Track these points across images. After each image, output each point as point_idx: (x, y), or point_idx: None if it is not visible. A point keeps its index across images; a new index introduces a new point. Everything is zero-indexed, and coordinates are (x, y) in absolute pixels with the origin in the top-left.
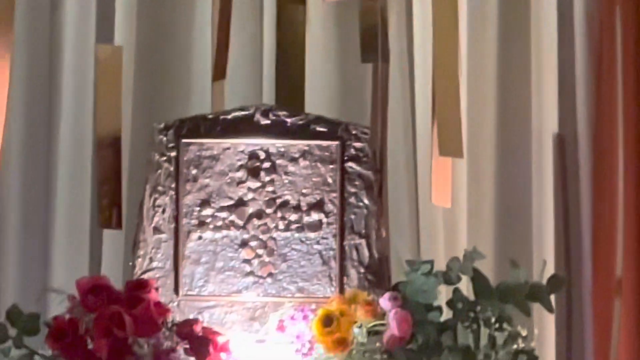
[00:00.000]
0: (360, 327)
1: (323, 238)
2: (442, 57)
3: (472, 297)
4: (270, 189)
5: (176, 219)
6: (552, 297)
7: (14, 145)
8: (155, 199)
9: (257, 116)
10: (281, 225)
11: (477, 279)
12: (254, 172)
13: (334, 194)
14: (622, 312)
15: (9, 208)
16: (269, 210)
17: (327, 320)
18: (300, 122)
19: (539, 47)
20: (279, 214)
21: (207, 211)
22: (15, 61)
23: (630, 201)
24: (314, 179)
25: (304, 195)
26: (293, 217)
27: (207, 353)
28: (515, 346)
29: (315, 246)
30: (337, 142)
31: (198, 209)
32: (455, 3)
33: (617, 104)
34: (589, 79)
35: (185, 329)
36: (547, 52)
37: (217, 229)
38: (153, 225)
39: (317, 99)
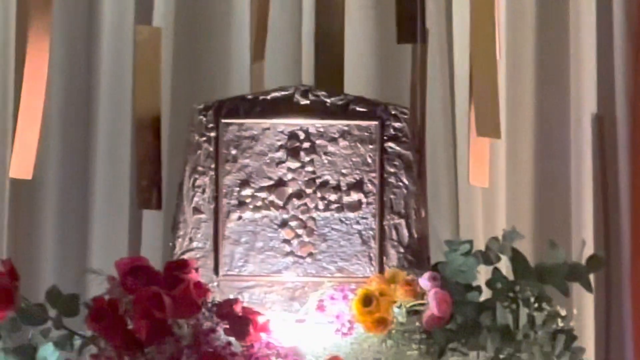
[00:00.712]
0: (399, 306)
1: (362, 218)
2: (479, 38)
3: (511, 277)
4: (309, 169)
5: (216, 199)
6: (591, 277)
7: (53, 127)
8: (195, 180)
9: (297, 96)
10: (321, 205)
11: (516, 259)
12: (293, 153)
13: (374, 174)
14: None
15: (48, 190)
16: (308, 191)
17: (367, 300)
18: (340, 103)
19: (577, 29)
20: (319, 194)
21: (247, 191)
22: (54, 43)
23: None
24: (353, 159)
25: (344, 175)
26: (332, 197)
27: (247, 333)
28: (554, 326)
29: (355, 226)
30: (376, 122)
31: (238, 189)
32: None
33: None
34: (627, 61)
35: (225, 309)
36: (585, 34)
37: (256, 209)
38: (193, 205)
39: (356, 79)
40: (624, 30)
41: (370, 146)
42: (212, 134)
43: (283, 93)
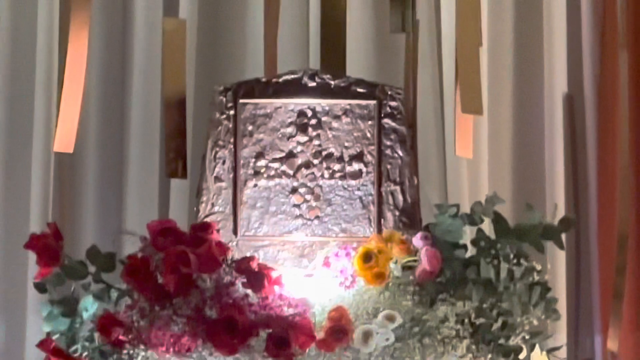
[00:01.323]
0: (395, 262)
1: (363, 185)
2: (464, 27)
3: (493, 236)
4: (316, 142)
5: (234, 169)
6: (563, 236)
7: (92, 107)
8: (216, 152)
9: (305, 79)
10: (326, 174)
11: (497, 220)
12: (302, 128)
13: (372, 147)
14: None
15: (88, 161)
16: (315, 161)
17: (367, 257)
18: (343, 84)
19: (550, 17)
20: (324, 164)
21: (262, 162)
22: (92, 34)
23: (632, 151)
24: (354, 134)
25: (346, 147)
26: (336, 167)
27: (262, 286)
28: (530, 279)
29: (356, 192)
30: (374, 102)
31: (253, 160)
32: None
33: (618, 66)
34: (594, 45)
35: (243, 265)
36: (556, 21)
37: (270, 177)
38: (214, 175)
39: (357, 63)
40: (590, 16)
41: (369, 122)
42: (231, 112)
43: (293, 76)
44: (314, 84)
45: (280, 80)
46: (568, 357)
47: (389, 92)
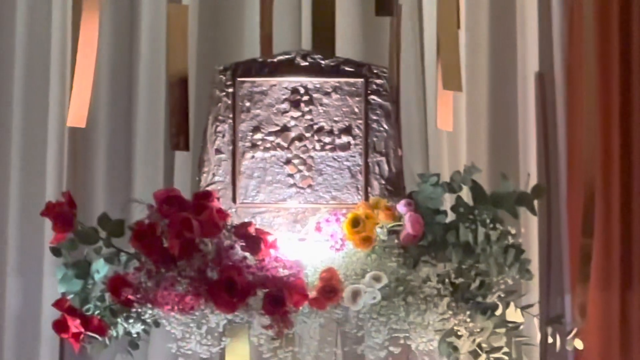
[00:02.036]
0: (381, 227)
1: (351, 156)
2: (444, 11)
3: (471, 203)
4: (308, 117)
5: (233, 142)
6: (535, 203)
7: (102, 86)
8: (217, 126)
9: (298, 59)
10: (317, 146)
11: (475, 188)
12: (295, 104)
13: (360, 121)
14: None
15: (99, 135)
16: (307, 134)
17: (355, 222)
18: (332, 64)
19: (522, 2)
20: (316, 137)
21: (258, 135)
22: (103, 17)
23: (598, 125)
24: (343, 109)
25: (336, 122)
26: (327, 139)
27: (259, 249)
28: (505, 242)
29: (345, 163)
30: (361, 80)
31: (251, 134)
32: None
33: (583, 47)
34: (563, 27)
35: (242, 230)
36: (529, 6)
37: (266, 149)
38: (215, 147)
39: (346, 45)
40: (559, 1)
41: (357, 98)
42: (230, 90)
43: (286, 56)
44: (306, 63)
45: (275, 60)
46: (540, 314)
47: (375, 71)
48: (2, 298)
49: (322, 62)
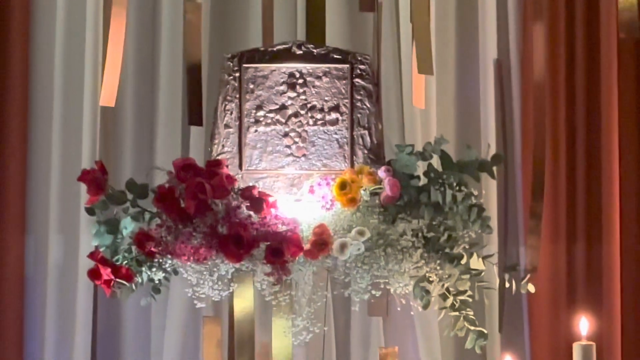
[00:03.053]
0: (365, 190)
1: (339, 130)
2: (417, 5)
3: (440, 169)
4: (303, 97)
5: (240, 118)
6: (495, 169)
7: (129, 71)
8: (225, 105)
9: (294, 48)
10: (310, 122)
11: (444, 156)
12: (291, 86)
13: (346, 100)
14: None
15: (126, 112)
16: (302, 112)
17: (343, 186)
18: (323, 52)
19: None
20: (309, 114)
21: (260, 113)
22: (130, 12)
23: (547, 102)
24: (332, 90)
25: (326, 101)
26: (319, 116)
27: (262, 209)
28: (469, 202)
29: (334, 135)
30: (347, 65)
31: (254, 111)
32: None
33: (539, 35)
34: (517, 19)
35: (247, 193)
36: (489, 0)
37: (267, 124)
38: (224, 123)
39: (334, 36)
40: None
41: (344, 81)
42: (237, 74)
43: (284, 46)
44: (300, 52)
45: (275, 49)
46: (498, 262)
47: (359, 58)
48: (46, 251)
49: (314, 50)
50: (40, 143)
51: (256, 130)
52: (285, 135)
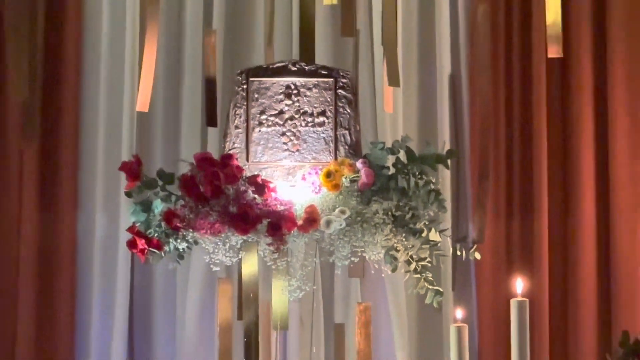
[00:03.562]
0: (346, 178)
1: (325, 130)
2: (387, 30)
3: (405, 161)
4: (297, 104)
5: (247, 121)
6: (449, 161)
7: (159, 83)
8: (236, 110)
9: (289, 66)
10: (303, 124)
11: (408, 151)
12: (288, 95)
13: (331, 107)
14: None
15: (156, 116)
16: (296, 116)
17: (328, 174)
18: (312, 69)
19: (440, 21)
20: (302, 118)
21: (263, 116)
22: (160, 32)
23: (490, 108)
24: (320, 99)
25: (315, 107)
26: (309, 119)
27: (264, 192)
28: (429, 187)
29: (321, 135)
30: (332, 79)
31: (258, 115)
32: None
33: (484, 53)
34: (467, 37)
35: (252, 180)
36: (443, 24)
37: (268, 126)
38: (234, 124)
39: (322, 55)
40: (465, 15)
41: (329, 92)
42: (245, 86)
43: (282, 64)
44: (295, 68)
45: (274, 66)
46: (451, 235)
47: (341, 73)
48: (93, 226)
49: (306, 67)
50: (89, 139)
51: (260, 131)
52: (283, 134)
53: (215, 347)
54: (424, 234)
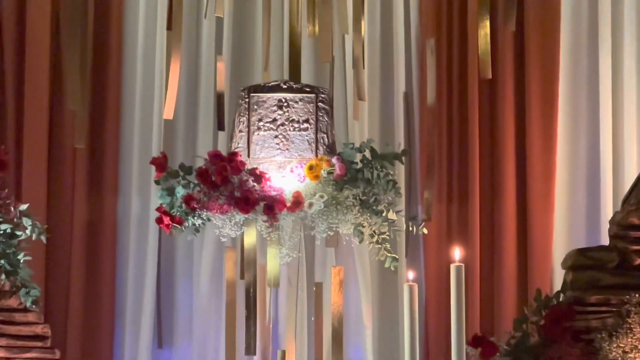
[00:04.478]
0: (324, 170)
1: (309, 134)
2: (355, 55)
3: (370, 158)
4: (287, 114)
5: (248, 126)
6: (403, 158)
7: (181, 97)
8: (240, 118)
9: (281, 84)
10: (291, 129)
11: (372, 150)
12: (280, 107)
13: (313, 116)
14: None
15: (178, 123)
16: (286, 123)
17: (311, 168)
18: (299, 86)
19: (397, 47)
20: (291, 124)
21: (261, 123)
22: (182, 59)
23: (436, 118)
24: (305, 110)
25: (301, 116)
26: (296, 125)
27: (261, 181)
28: (388, 178)
29: (306, 137)
30: (314, 95)
31: (257, 122)
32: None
33: (431, 73)
34: (418, 62)
35: (252, 171)
36: (400, 50)
37: (265, 130)
38: (239, 129)
39: (307, 76)
40: (416, 45)
41: (312, 105)
42: (246, 100)
43: (275, 83)
44: (285, 86)
45: (270, 84)
46: (405, 215)
47: (321, 90)
48: (130, 207)
49: (294, 85)
50: (126, 140)
51: (258, 134)
52: (276, 137)
53: (223, 300)
54: (384, 214)
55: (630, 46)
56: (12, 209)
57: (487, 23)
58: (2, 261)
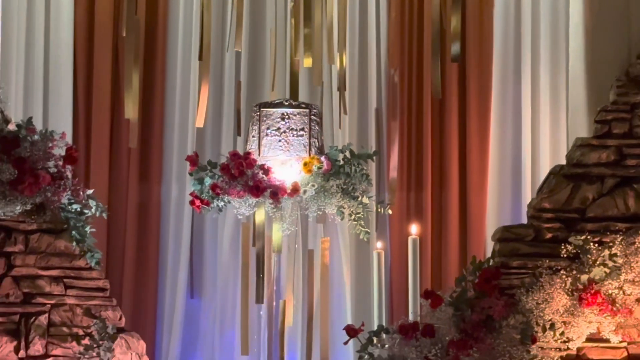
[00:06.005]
0: (315, 166)
1: (304, 139)
2: (340, 81)
3: (349, 157)
4: (288, 124)
5: (259, 132)
6: (375, 157)
7: (210, 110)
8: (253, 126)
9: (284, 102)
10: (291, 135)
11: (351, 152)
12: (283, 119)
13: (307, 126)
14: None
15: (206, 130)
16: (287, 131)
17: (305, 164)
18: (297, 103)
19: (371, 72)
20: (290, 132)
21: (268, 131)
22: (210, 79)
23: (406, 129)
24: (301, 121)
25: (299, 126)
26: (295, 132)
27: (268, 174)
28: (362, 172)
29: (302, 141)
30: (308, 109)
31: (266, 129)
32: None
33: (397, 96)
34: (386, 86)
35: (262, 167)
36: (373, 74)
37: (272, 136)
38: (252, 135)
39: (303, 95)
40: (384, 73)
41: (307, 117)
42: (258, 113)
43: (279, 100)
44: (287, 103)
45: (275, 102)
46: (375, 199)
47: (313, 107)
48: (170, 192)
49: (293, 103)
50: (168, 142)
51: (266, 139)
52: (280, 141)
53: (239, 262)
54: (359, 199)
55: (545, 75)
56: (81, 193)
57: (438, 58)
58: (74, 232)
